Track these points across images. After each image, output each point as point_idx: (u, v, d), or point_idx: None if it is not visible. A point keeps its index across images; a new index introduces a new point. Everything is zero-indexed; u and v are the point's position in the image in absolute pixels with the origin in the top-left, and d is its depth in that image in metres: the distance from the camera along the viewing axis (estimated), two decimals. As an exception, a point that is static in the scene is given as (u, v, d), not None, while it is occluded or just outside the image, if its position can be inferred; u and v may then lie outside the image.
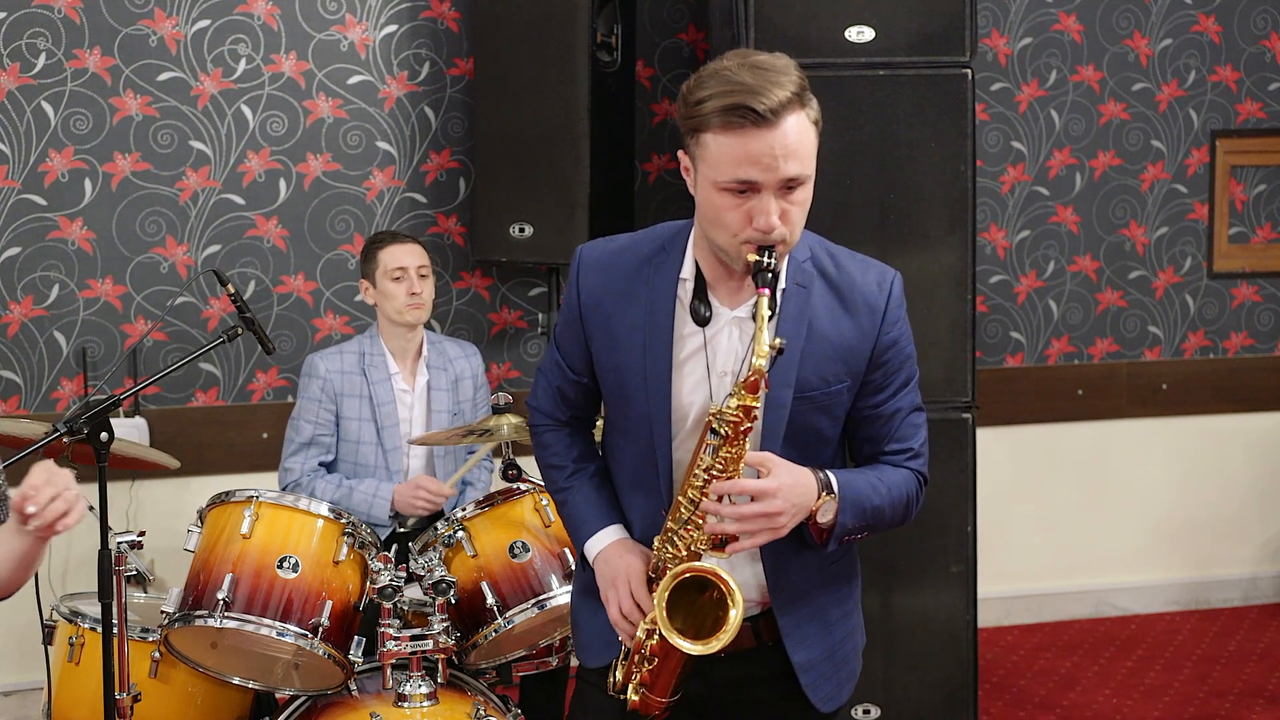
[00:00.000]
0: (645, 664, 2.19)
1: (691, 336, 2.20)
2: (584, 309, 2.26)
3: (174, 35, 4.41)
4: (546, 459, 2.41)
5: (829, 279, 2.21)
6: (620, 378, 2.24)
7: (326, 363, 3.90)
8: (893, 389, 2.25)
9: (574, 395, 2.36)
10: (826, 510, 2.15)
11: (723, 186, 2.06)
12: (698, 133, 2.07)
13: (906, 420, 2.27)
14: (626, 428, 2.27)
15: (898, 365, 2.24)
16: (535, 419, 2.42)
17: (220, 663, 3.28)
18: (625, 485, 2.32)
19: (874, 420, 2.26)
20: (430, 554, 3.32)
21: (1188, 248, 5.30)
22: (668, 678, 2.19)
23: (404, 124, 4.61)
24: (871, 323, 2.20)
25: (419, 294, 3.90)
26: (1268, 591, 5.49)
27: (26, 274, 4.37)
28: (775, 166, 2.03)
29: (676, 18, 4.82)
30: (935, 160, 3.85)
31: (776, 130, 2.02)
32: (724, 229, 2.08)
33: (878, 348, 2.21)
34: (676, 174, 4.90)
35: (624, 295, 2.23)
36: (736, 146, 2.03)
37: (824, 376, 2.18)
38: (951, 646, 3.96)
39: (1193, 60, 5.22)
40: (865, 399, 2.24)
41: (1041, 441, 5.25)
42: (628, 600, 2.20)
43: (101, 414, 3.07)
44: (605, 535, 2.29)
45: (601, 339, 2.25)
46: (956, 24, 3.84)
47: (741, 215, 2.06)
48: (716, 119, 2.03)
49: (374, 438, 3.88)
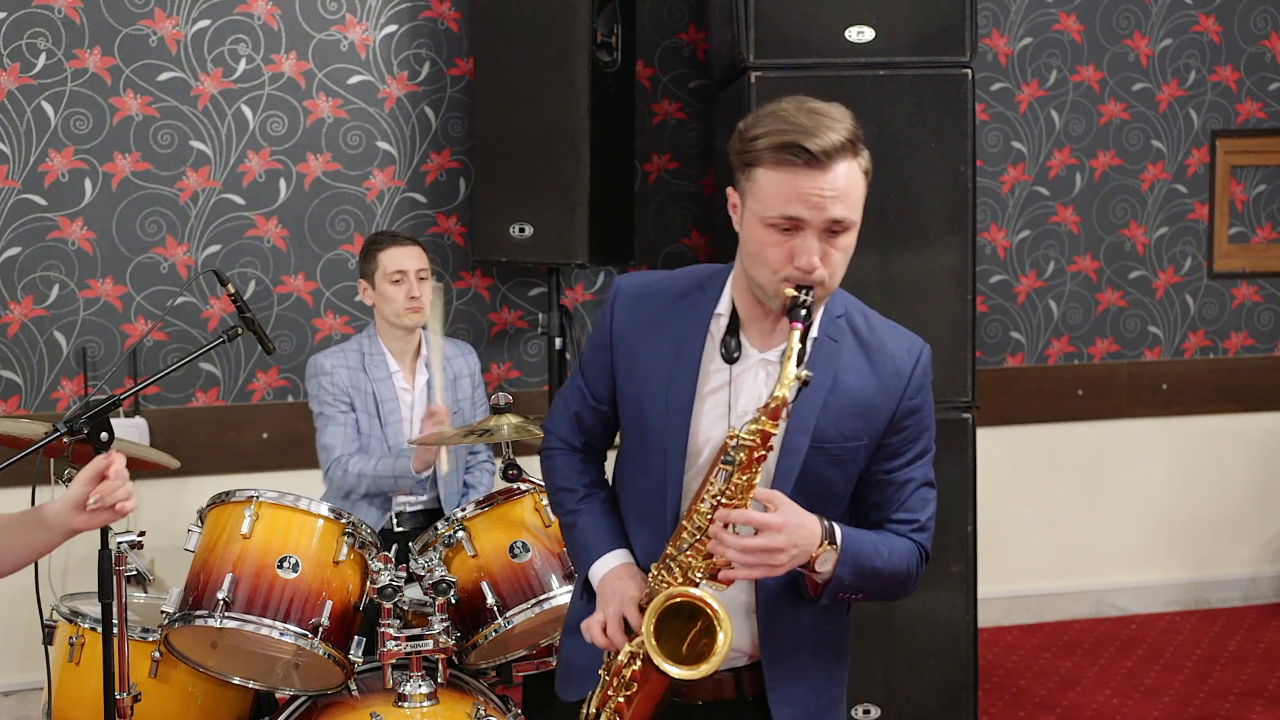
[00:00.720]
0: (623, 690, 2.16)
1: (718, 373, 2.21)
2: (615, 336, 2.28)
3: (174, 35, 4.41)
4: (557, 482, 2.40)
5: (860, 337, 2.23)
6: (640, 407, 2.24)
7: (331, 360, 3.91)
8: (908, 457, 2.24)
9: (591, 422, 2.36)
10: (825, 560, 2.13)
11: (769, 222, 2.08)
12: (750, 168, 2.10)
13: (917, 493, 2.26)
14: (640, 458, 2.27)
15: (916, 434, 2.24)
16: (549, 442, 2.42)
17: (220, 663, 3.28)
18: (631, 519, 2.31)
19: (885, 486, 2.25)
20: (430, 554, 3.32)
21: (1188, 248, 5.30)
22: (642, 709, 2.16)
23: (404, 124, 4.61)
24: (897, 386, 2.21)
25: (418, 297, 3.90)
26: (1268, 591, 5.49)
27: (26, 274, 4.37)
28: (823, 207, 2.05)
29: (676, 18, 4.82)
30: (935, 160, 3.85)
31: (828, 173, 2.05)
32: (765, 265, 2.10)
33: (899, 412, 2.21)
34: (676, 174, 4.93)
35: (654, 326, 2.25)
36: (786, 183, 2.06)
37: (842, 430, 2.18)
38: (951, 646, 3.96)
39: (1193, 60, 5.22)
40: (879, 463, 2.23)
41: (1041, 441, 5.25)
42: (614, 622, 2.19)
43: (101, 414, 3.07)
44: (612, 559, 2.28)
45: (627, 367, 2.27)
46: (956, 24, 3.85)
47: (784, 253, 2.08)
48: (769, 155, 2.06)
49: (379, 434, 3.89)
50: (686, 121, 4.85)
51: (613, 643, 2.19)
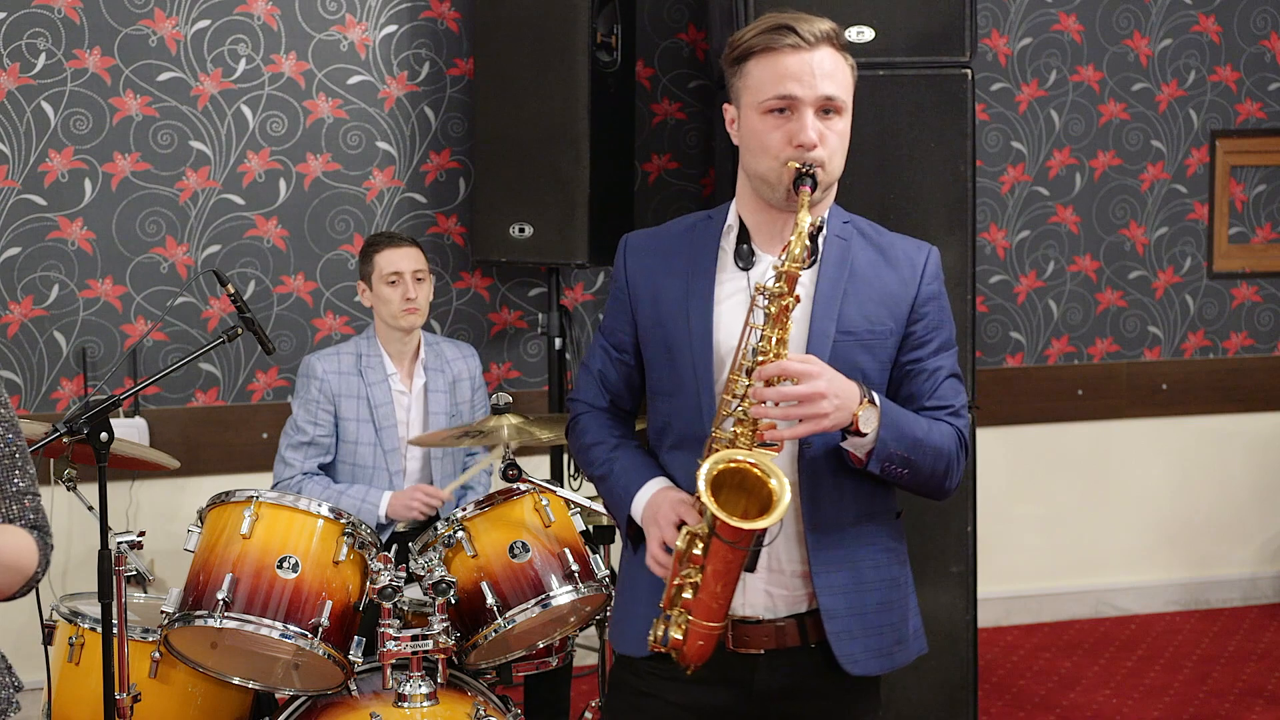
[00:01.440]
0: (691, 579, 2.08)
1: (734, 280, 2.25)
2: (630, 281, 2.33)
3: (174, 35, 4.41)
4: (586, 440, 2.38)
5: (869, 239, 2.30)
6: (664, 329, 2.27)
7: (324, 364, 3.89)
8: (934, 345, 2.27)
9: (615, 378, 2.37)
10: (868, 418, 2.12)
11: (765, 107, 2.17)
12: (741, 63, 2.21)
13: (947, 381, 2.28)
14: (671, 384, 2.27)
15: (937, 321, 2.28)
16: (575, 409, 2.42)
17: (220, 663, 3.28)
18: (670, 448, 2.29)
19: (915, 375, 2.27)
20: (430, 554, 3.32)
21: (1188, 248, 5.30)
22: (713, 592, 2.08)
23: (404, 124, 4.61)
24: (912, 275, 2.27)
25: (414, 299, 3.88)
26: (1268, 591, 5.49)
27: (26, 274, 4.37)
28: (814, 83, 2.15)
29: (676, 18, 4.82)
30: (935, 160, 3.84)
31: (815, 52, 2.17)
32: (766, 152, 2.17)
33: (919, 298, 2.26)
34: (676, 174, 4.93)
35: (668, 262, 2.31)
36: (778, 64, 2.16)
37: (867, 316, 2.22)
38: (951, 646, 3.96)
39: (1193, 60, 5.22)
40: (906, 353, 2.26)
41: (1041, 441, 5.25)
42: (670, 529, 2.14)
43: (101, 414, 3.08)
44: (650, 486, 2.25)
45: (648, 302, 2.30)
46: (956, 24, 3.84)
47: (782, 135, 2.16)
48: (760, 41, 2.18)
49: (372, 439, 3.87)
50: (686, 121, 4.85)
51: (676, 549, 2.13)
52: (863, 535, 2.26)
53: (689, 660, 2.13)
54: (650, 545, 2.18)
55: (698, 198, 4.84)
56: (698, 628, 2.10)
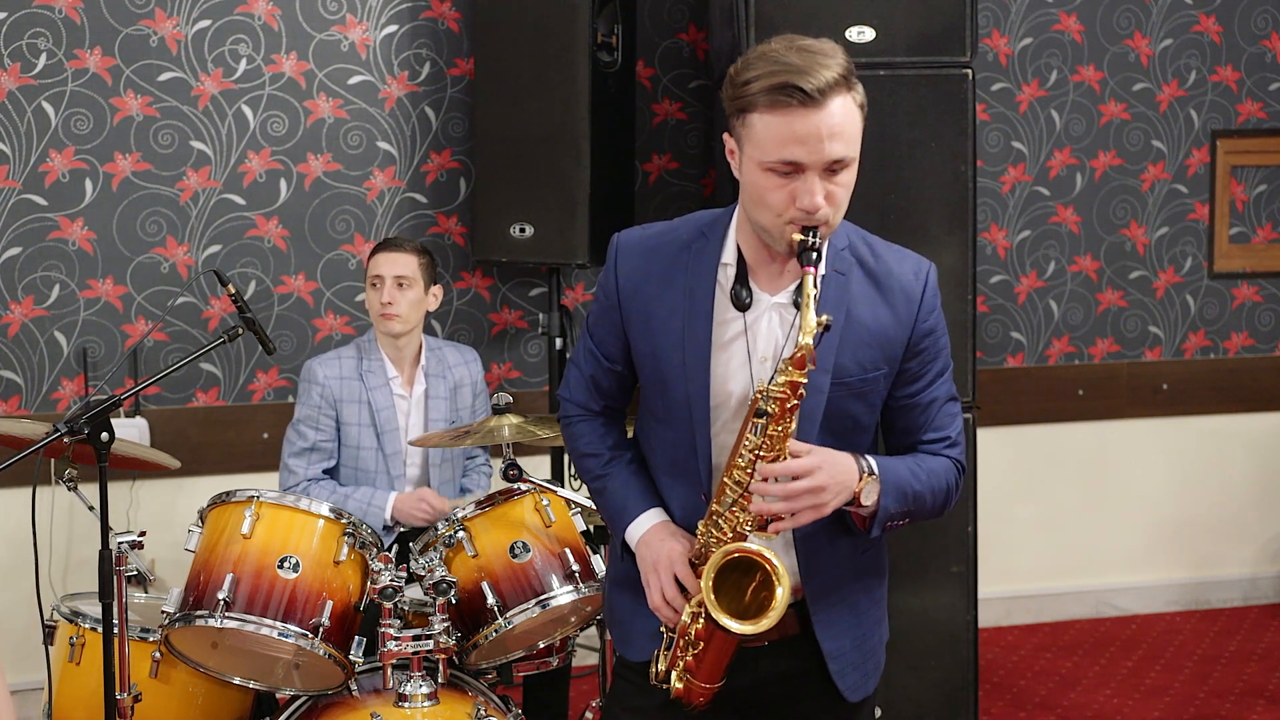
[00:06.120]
0: (690, 649, 2.17)
1: (732, 322, 2.21)
2: (622, 294, 2.27)
3: (174, 35, 4.41)
4: (581, 449, 2.39)
5: (866, 268, 2.23)
6: (658, 364, 2.24)
7: (325, 369, 3.89)
8: (929, 378, 2.26)
9: (608, 384, 2.36)
10: (870, 492, 2.15)
11: (768, 167, 2.07)
12: (744, 113, 2.09)
13: (943, 409, 2.28)
14: (665, 414, 2.27)
15: (934, 354, 2.26)
16: (567, 410, 2.42)
17: (221, 663, 3.28)
18: (663, 473, 2.31)
19: (911, 409, 2.27)
20: (431, 554, 3.32)
21: (1188, 248, 5.30)
22: (713, 663, 2.17)
23: (404, 124, 4.61)
24: (908, 311, 2.23)
25: (390, 304, 3.85)
26: (1268, 591, 5.49)
27: (27, 274, 4.37)
28: (821, 148, 2.04)
29: (676, 18, 4.82)
30: (935, 160, 3.85)
31: (823, 111, 2.03)
32: (768, 209, 2.10)
33: (914, 335, 2.23)
34: (676, 174, 4.93)
35: (663, 280, 2.24)
36: (783, 126, 2.04)
37: (861, 363, 2.20)
38: (952, 646, 3.96)
39: (1193, 60, 5.22)
40: (902, 388, 2.26)
41: (1041, 441, 5.25)
42: (670, 585, 2.19)
43: (102, 414, 3.08)
44: (647, 519, 2.28)
45: (639, 324, 2.26)
46: (956, 24, 3.84)
47: (786, 195, 2.07)
48: (764, 98, 2.05)
49: (374, 443, 3.87)
50: (686, 121, 4.85)
51: (672, 605, 2.19)
52: (858, 573, 2.31)
53: (691, 705, 2.23)
54: (650, 595, 2.23)
55: (698, 198, 4.84)
56: (695, 687, 2.20)
